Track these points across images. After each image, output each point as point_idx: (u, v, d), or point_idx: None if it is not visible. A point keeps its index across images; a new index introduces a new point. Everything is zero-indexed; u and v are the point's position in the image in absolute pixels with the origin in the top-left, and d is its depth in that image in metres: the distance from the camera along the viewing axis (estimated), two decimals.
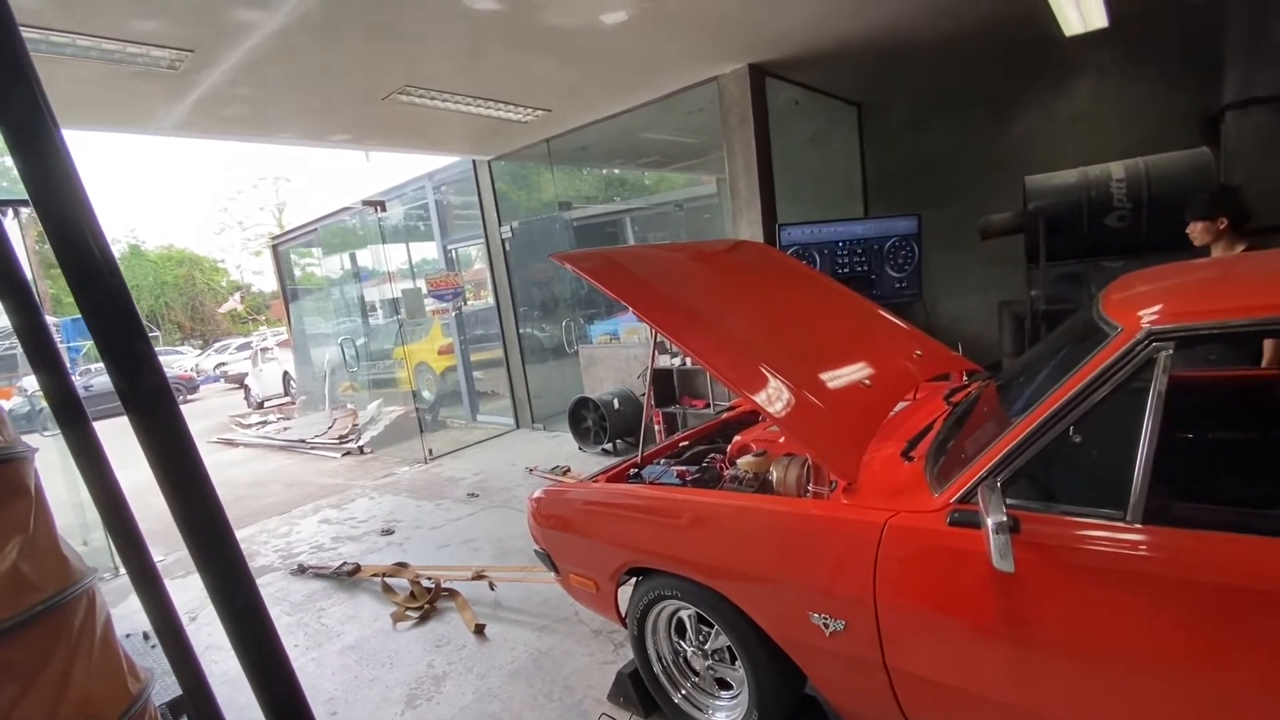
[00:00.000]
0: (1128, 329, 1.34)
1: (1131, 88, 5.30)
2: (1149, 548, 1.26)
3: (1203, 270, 1.86)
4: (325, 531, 4.91)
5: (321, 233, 9.83)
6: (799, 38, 4.42)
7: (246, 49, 3.53)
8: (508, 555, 3.91)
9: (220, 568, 0.69)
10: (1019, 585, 1.37)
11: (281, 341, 14.12)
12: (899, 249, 5.03)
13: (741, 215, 5.16)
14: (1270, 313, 1.26)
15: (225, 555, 0.69)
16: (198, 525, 0.68)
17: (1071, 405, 1.37)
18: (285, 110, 4.71)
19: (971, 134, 6.04)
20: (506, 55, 4.09)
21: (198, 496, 0.67)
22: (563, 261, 2.33)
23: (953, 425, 1.93)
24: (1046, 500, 1.47)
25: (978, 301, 6.18)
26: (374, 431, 7.77)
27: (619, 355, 6.31)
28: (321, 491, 6.13)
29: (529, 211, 7.80)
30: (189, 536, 0.68)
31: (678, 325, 2.17)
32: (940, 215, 5.82)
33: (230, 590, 0.70)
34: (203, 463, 0.69)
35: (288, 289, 12.18)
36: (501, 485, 5.44)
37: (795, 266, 3.40)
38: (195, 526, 0.68)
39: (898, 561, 1.55)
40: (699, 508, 2.00)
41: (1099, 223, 4.15)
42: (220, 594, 0.69)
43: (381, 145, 6.27)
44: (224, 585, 0.69)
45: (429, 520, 4.81)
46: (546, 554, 2.48)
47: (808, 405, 1.93)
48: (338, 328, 10.46)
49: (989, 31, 4.69)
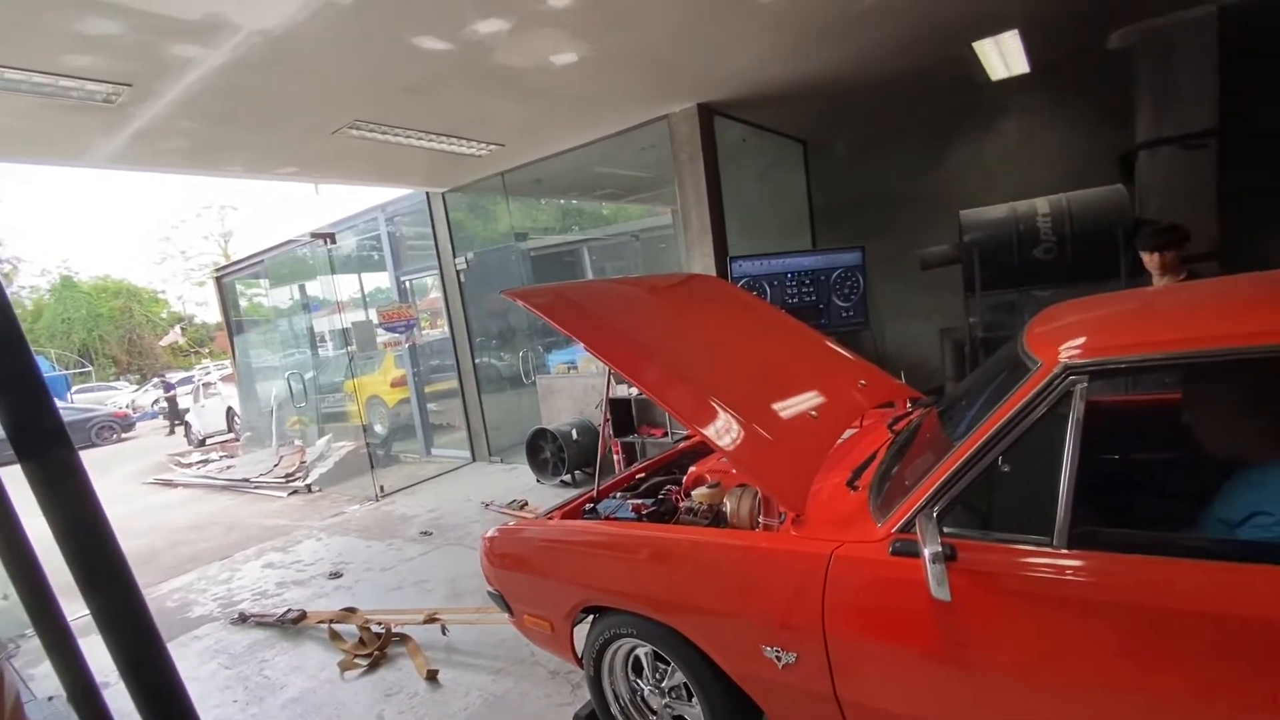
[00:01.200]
0: (1046, 363, 1.42)
1: (1054, 127, 5.68)
2: (1074, 572, 1.32)
3: (1121, 304, 1.97)
4: (269, 576, 4.69)
5: (269, 264, 9.56)
6: (744, 80, 4.60)
7: (187, 84, 3.47)
8: (462, 596, 3.80)
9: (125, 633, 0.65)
10: (958, 613, 1.41)
11: (225, 376, 13.57)
12: (845, 280, 5.20)
13: (694, 247, 5.27)
14: (1176, 348, 1.36)
15: (132, 620, 0.66)
16: (99, 586, 0.64)
17: (999, 437, 1.43)
18: (229, 144, 4.61)
19: (910, 170, 6.34)
20: (458, 92, 4.12)
21: (99, 554, 0.64)
22: (514, 298, 2.34)
23: (895, 454, 2.00)
24: (983, 528, 1.53)
25: (922, 328, 6.43)
26: (322, 469, 7.50)
27: (577, 385, 6.29)
28: (266, 533, 5.86)
29: (486, 241, 7.78)
30: (90, 598, 0.64)
31: (629, 360, 2.19)
32: (884, 246, 6.07)
33: (137, 657, 0.66)
34: (104, 513, 0.65)
35: (232, 321, 11.76)
36: (456, 522, 5.31)
37: (746, 299, 3.48)
38: (97, 587, 0.64)
39: (844, 592, 1.58)
40: (652, 543, 2.00)
41: (1028, 254, 4.39)
42: (126, 663, 0.65)
43: (331, 178, 6.19)
44: (130, 653, 0.65)
45: (380, 561, 4.64)
46: (500, 595, 2.43)
47: (756, 438, 1.97)
48: (285, 360, 10.13)
49: (923, 75, 4.97)
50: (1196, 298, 1.70)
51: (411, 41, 3.31)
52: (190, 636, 3.83)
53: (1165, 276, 3.22)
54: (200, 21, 2.86)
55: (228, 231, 32.71)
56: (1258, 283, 1.61)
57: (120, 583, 0.65)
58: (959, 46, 4.43)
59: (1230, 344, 1.29)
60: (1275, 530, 1.29)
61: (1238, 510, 1.39)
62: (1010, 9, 3.92)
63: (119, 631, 0.65)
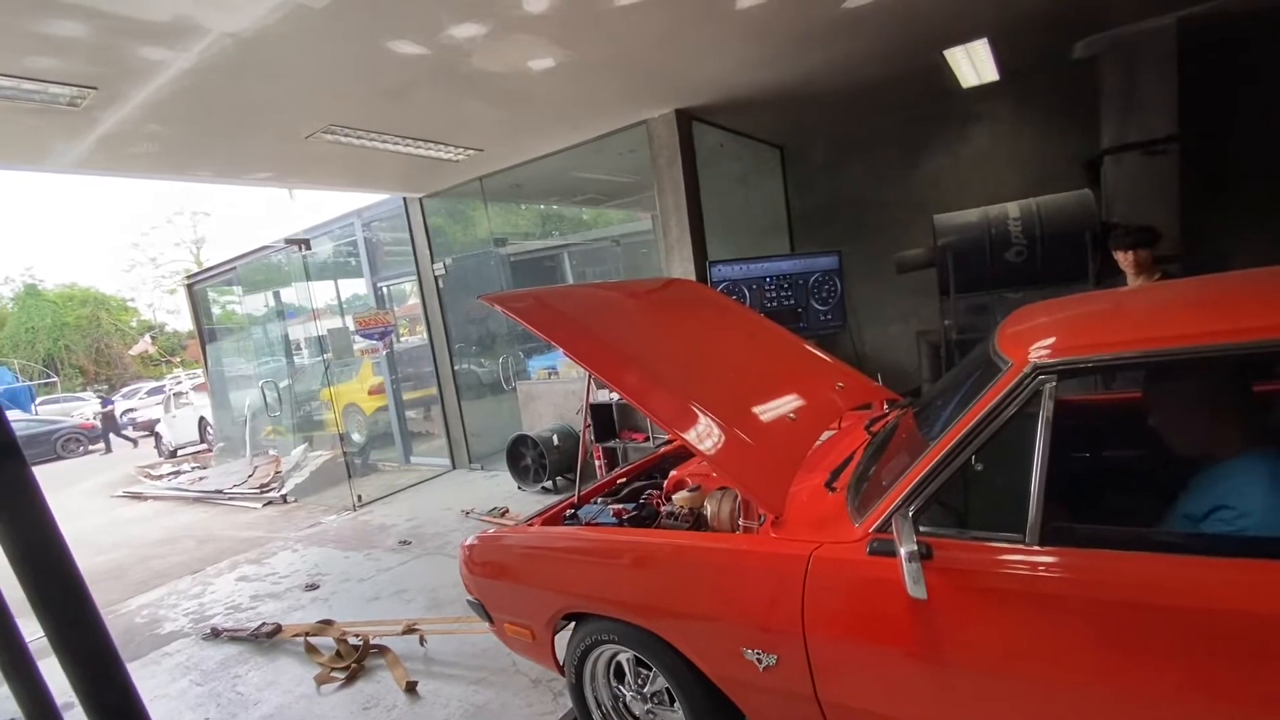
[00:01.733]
0: (1016, 363, 1.45)
1: (1024, 133, 5.81)
2: (1046, 568, 1.34)
3: (1091, 305, 2.01)
4: (243, 590, 4.58)
5: (242, 270, 9.40)
6: (722, 86, 4.64)
7: (156, 87, 3.40)
8: (442, 605, 3.75)
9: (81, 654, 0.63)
10: (935, 611, 1.43)
11: (198, 385, 13.28)
12: (823, 283, 5.26)
13: (674, 252, 5.28)
14: (1139, 347, 1.39)
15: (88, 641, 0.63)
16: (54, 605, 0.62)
17: (972, 436, 1.45)
18: (199, 149, 4.52)
19: (886, 175, 6.44)
20: (435, 97, 4.09)
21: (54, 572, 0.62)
22: (492, 303, 2.32)
23: (872, 455, 2.02)
24: (959, 526, 1.55)
25: (899, 330, 6.52)
26: (298, 478, 7.37)
27: (558, 390, 6.26)
28: (240, 545, 5.73)
29: (465, 247, 7.72)
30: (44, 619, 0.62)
31: (609, 365, 2.19)
32: (861, 250, 6.16)
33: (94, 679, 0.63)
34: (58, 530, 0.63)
35: (204, 329, 11.51)
36: (436, 530, 5.24)
37: (725, 303, 3.50)
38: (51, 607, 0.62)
39: (823, 593, 1.59)
40: (633, 548, 2.00)
41: (1000, 258, 4.48)
42: (83, 685, 0.62)
43: (306, 183, 6.10)
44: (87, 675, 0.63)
45: (357, 572, 4.56)
46: (480, 603, 2.40)
47: (735, 441, 1.98)
48: (260, 369, 9.94)
49: (897, 83, 5.06)
50: (1162, 298, 1.75)
51: (386, 45, 3.29)
52: (160, 653, 3.72)
53: (1140, 276, 3.30)
54: (168, 24, 2.81)
55: (200, 238, 32.09)
56: (1223, 283, 1.66)
57: (75, 602, 0.62)
58: (931, 54, 4.51)
59: (1188, 343, 1.32)
60: (1236, 524, 1.33)
61: (1201, 505, 1.43)
62: (979, 18, 4.00)
63: (75, 653, 0.63)
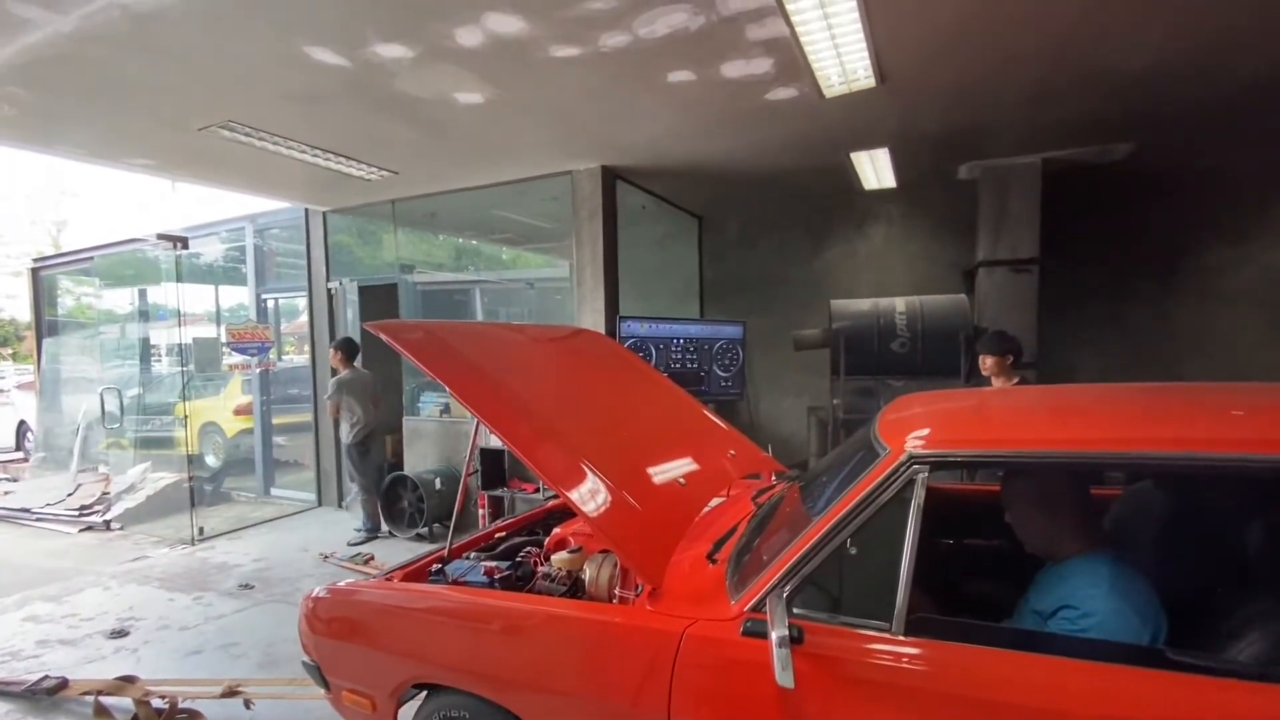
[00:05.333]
0: (894, 451, 1.49)
1: (913, 237, 6.40)
2: (909, 660, 1.34)
3: (962, 401, 2.16)
4: (29, 632, 3.84)
5: (101, 261, 8.40)
6: (648, 150, 4.78)
7: (23, 46, 3.01)
8: (277, 664, 3.31)
9: None
10: (802, 699, 1.39)
11: (23, 383, 11.52)
12: (726, 351, 5.41)
13: (586, 303, 5.26)
14: (1001, 447, 1.49)
15: None
16: None
17: (849, 519, 1.46)
18: (68, 120, 4.03)
19: (792, 256, 6.84)
20: (351, 112, 3.91)
21: None
22: (378, 332, 2.15)
23: (754, 528, 2.00)
24: (831, 610, 1.54)
25: (791, 404, 6.79)
26: (130, 502, 6.44)
27: (449, 431, 5.94)
28: (38, 577, 4.85)
29: (369, 270, 7.31)
30: None
31: (499, 411, 2.07)
32: (764, 323, 6.44)
33: None
34: None
35: (44, 320, 10.07)
36: (286, 575, 4.70)
37: (629, 359, 3.48)
38: None
39: (693, 673, 1.51)
40: (498, 613, 1.84)
41: (886, 346, 4.81)
42: None
43: (193, 178, 5.59)
44: None
45: (181, 618, 3.96)
46: (316, 666, 2.11)
47: (621, 504, 1.90)
48: (106, 373, 8.76)
49: (808, 174, 5.44)
50: (1021, 404, 1.90)
51: (302, 49, 3.11)
52: None
53: (999, 379, 3.62)
54: None
55: (62, 220, 28.59)
56: (1074, 394, 1.82)
57: None
58: (839, 154, 4.90)
59: (1037, 448, 1.45)
60: (1079, 624, 1.40)
61: (1048, 603, 1.50)
62: (882, 129, 4.41)
63: None
